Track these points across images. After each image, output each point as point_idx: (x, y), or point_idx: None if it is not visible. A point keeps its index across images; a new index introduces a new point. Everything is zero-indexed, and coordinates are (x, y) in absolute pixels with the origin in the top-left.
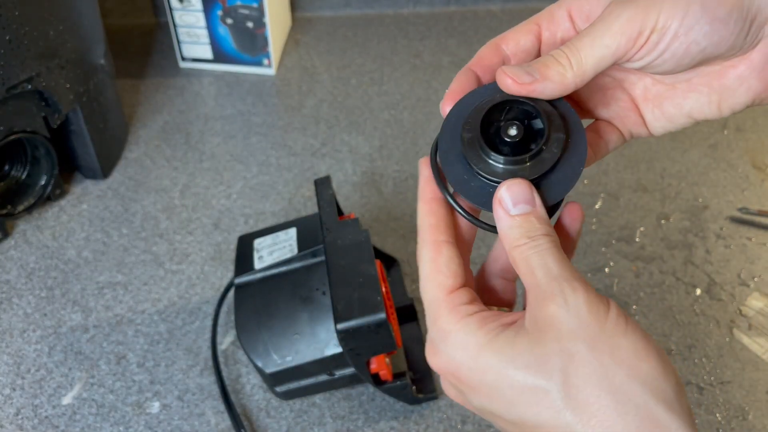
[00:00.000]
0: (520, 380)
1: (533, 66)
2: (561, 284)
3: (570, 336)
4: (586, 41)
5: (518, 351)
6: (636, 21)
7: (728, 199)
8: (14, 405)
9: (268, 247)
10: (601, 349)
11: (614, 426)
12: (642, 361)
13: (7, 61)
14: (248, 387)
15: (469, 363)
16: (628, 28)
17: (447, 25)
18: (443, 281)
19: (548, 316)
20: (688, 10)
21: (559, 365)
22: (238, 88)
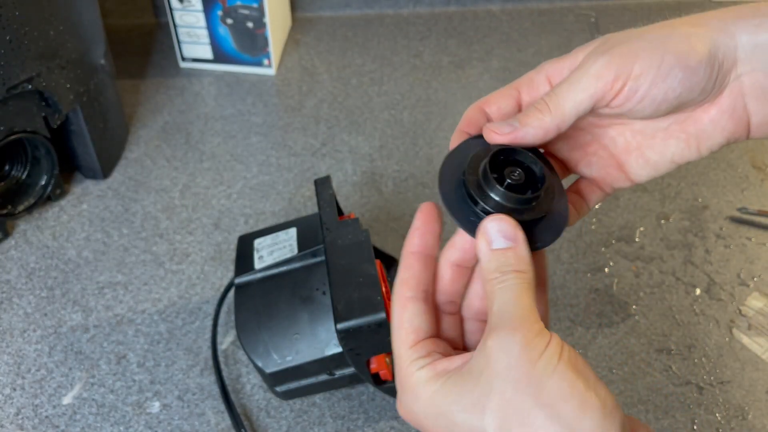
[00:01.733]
0: (466, 421)
1: (515, 117)
2: (507, 321)
3: (501, 375)
4: (563, 86)
5: (462, 393)
6: (612, 67)
7: (728, 199)
8: (15, 405)
9: (268, 247)
10: (525, 392)
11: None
12: (564, 401)
13: (7, 61)
14: (248, 387)
15: (425, 411)
16: (604, 73)
17: (447, 26)
18: (404, 337)
19: (487, 351)
20: (663, 60)
21: (495, 406)
22: (239, 88)
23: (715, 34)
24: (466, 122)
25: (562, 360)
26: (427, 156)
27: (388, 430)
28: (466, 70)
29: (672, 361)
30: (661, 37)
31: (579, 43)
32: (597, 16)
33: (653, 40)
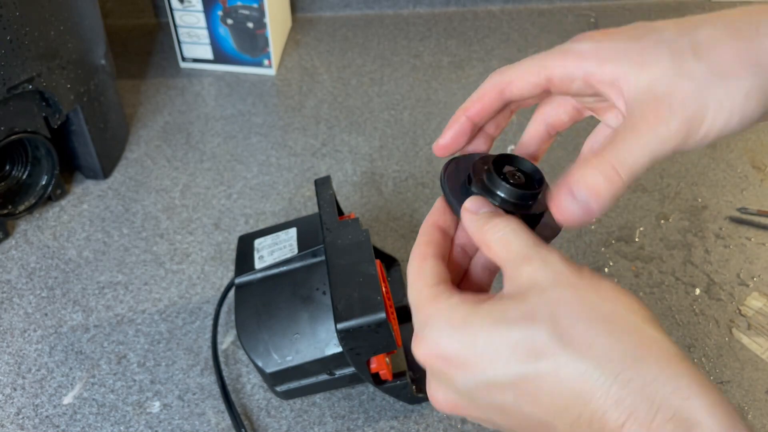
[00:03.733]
0: (512, 336)
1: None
2: (536, 249)
3: (552, 287)
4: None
5: (505, 311)
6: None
7: (727, 199)
8: (15, 404)
9: (268, 247)
10: (584, 290)
11: (611, 350)
12: (623, 294)
13: (7, 62)
14: (248, 386)
15: (458, 336)
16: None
17: (447, 26)
18: (426, 280)
19: (528, 277)
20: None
21: (547, 313)
22: (239, 88)
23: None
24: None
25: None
26: (427, 156)
27: (388, 430)
28: (466, 70)
29: None
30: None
31: None
32: (597, 17)
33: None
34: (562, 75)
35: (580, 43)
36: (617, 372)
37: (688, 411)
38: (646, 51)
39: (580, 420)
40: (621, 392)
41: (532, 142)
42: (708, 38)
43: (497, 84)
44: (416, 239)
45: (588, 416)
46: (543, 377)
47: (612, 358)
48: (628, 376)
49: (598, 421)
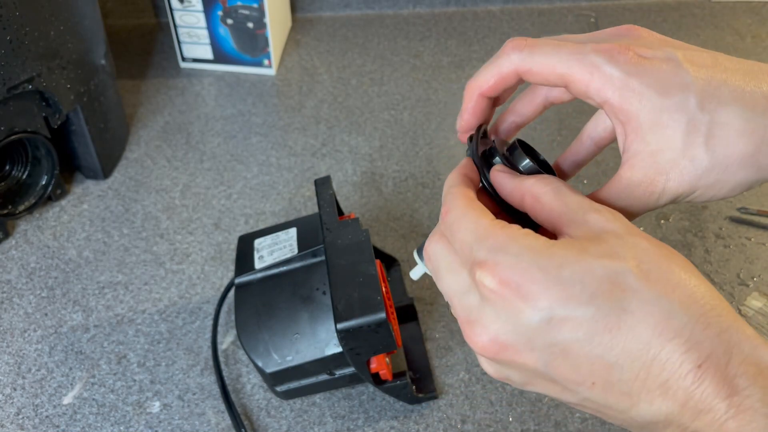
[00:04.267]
0: (598, 270)
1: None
2: (597, 203)
3: (628, 234)
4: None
5: (587, 247)
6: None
7: (727, 199)
8: (15, 404)
9: (268, 247)
10: (657, 243)
11: (693, 295)
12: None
13: (7, 61)
14: (248, 386)
15: (541, 261)
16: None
17: (447, 26)
18: (485, 213)
19: (598, 224)
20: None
21: (631, 254)
22: (239, 88)
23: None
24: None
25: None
26: (427, 156)
27: (388, 430)
28: (466, 70)
29: None
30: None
31: None
32: (597, 17)
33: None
34: (580, 89)
35: (611, 65)
36: (698, 315)
37: (758, 356)
38: (666, 114)
39: (655, 361)
40: (701, 334)
41: (526, 108)
42: (725, 125)
43: (518, 67)
44: (449, 189)
45: (665, 357)
46: (625, 313)
47: (694, 302)
48: (707, 320)
49: (675, 361)
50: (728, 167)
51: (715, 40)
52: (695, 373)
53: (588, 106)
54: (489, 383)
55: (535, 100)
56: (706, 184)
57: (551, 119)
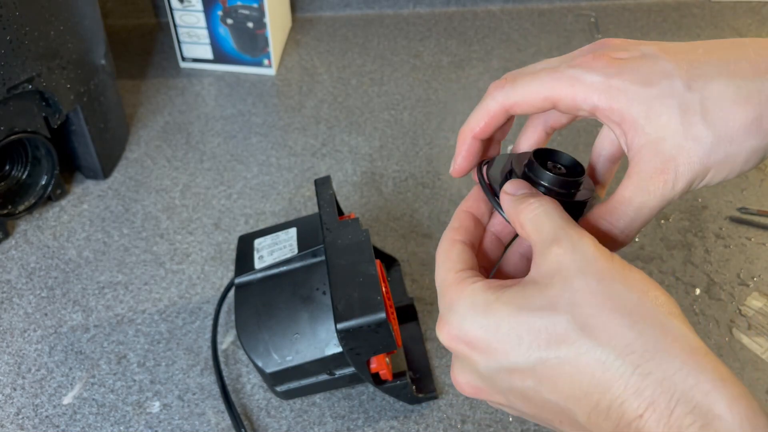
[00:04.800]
0: (534, 323)
1: None
2: (567, 231)
3: (577, 275)
4: (629, 210)
5: (528, 297)
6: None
7: (727, 199)
8: (15, 404)
9: (268, 246)
10: (611, 279)
11: (633, 342)
12: (650, 286)
13: (7, 61)
14: (248, 387)
15: (480, 321)
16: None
17: (447, 26)
18: (452, 266)
19: (555, 260)
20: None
21: (569, 302)
22: (239, 88)
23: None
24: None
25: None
26: (427, 156)
27: (388, 430)
28: (466, 70)
29: None
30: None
31: (579, 43)
32: (597, 16)
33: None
34: (569, 104)
35: (589, 73)
36: (638, 363)
37: (708, 404)
38: (656, 102)
39: (599, 407)
40: (641, 383)
41: (529, 142)
42: (718, 98)
43: (503, 103)
44: (449, 224)
45: (606, 404)
46: (563, 364)
47: (634, 350)
48: (649, 367)
49: (617, 410)
50: (734, 138)
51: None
52: (638, 422)
53: None
54: None
55: (536, 130)
56: (717, 161)
57: None
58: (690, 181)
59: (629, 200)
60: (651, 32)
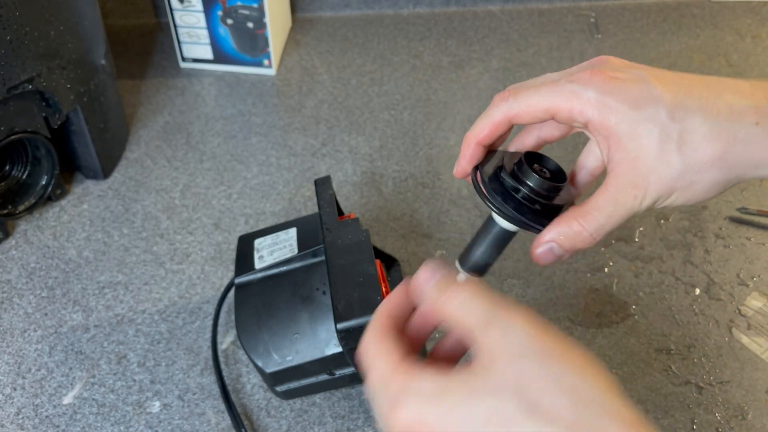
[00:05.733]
0: (484, 408)
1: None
2: (497, 314)
3: (516, 358)
4: (600, 215)
5: (476, 383)
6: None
7: (727, 200)
8: (15, 404)
9: (268, 246)
10: (549, 360)
11: (577, 420)
12: (587, 363)
13: (7, 62)
14: (248, 386)
15: (435, 407)
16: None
17: (447, 26)
18: (391, 356)
19: (494, 344)
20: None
21: (513, 386)
22: (239, 88)
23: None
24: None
25: (567, 336)
26: (427, 156)
27: None
28: (466, 70)
29: (671, 361)
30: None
31: (578, 43)
32: (597, 17)
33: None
34: (566, 116)
35: (586, 89)
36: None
37: None
38: (641, 124)
39: None
40: None
41: (523, 145)
42: (693, 132)
43: (506, 114)
44: (372, 320)
45: None
46: None
47: (578, 428)
48: None
49: None
50: (700, 169)
51: (714, 40)
52: None
53: None
54: None
55: (530, 138)
56: (682, 186)
57: None
58: (655, 199)
59: (602, 207)
60: (651, 32)
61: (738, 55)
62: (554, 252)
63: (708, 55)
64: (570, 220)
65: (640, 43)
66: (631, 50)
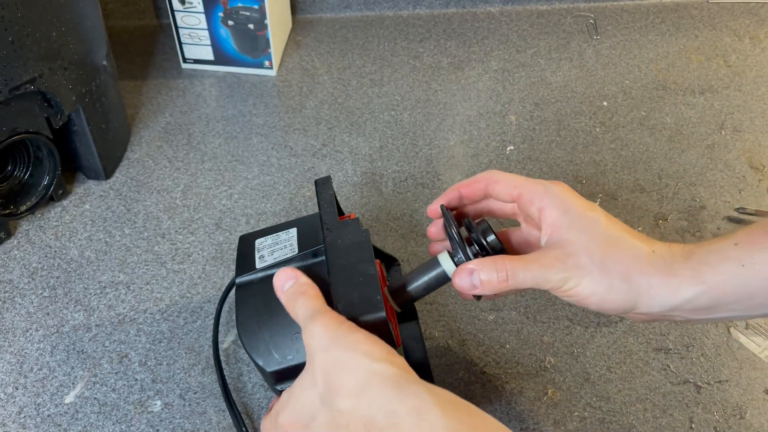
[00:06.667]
0: (311, 394)
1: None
2: (307, 321)
3: (315, 352)
4: (525, 271)
5: (302, 376)
6: (568, 281)
7: (725, 200)
8: (17, 404)
9: (269, 246)
10: (337, 348)
11: (360, 387)
12: (365, 343)
13: (9, 62)
14: (249, 386)
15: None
16: (559, 282)
17: (446, 27)
18: None
19: (307, 344)
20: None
21: (318, 369)
22: (240, 89)
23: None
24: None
25: (350, 324)
26: (426, 157)
27: None
28: (466, 71)
29: (670, 360)
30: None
31: (577, 44)
32: (595, 18)
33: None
34: (527, 200)
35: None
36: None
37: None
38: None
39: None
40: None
41: (469, 193)
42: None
43: (488, 177)
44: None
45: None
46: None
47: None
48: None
49: None
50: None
51: (713, 41)
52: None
53: (587, 107)
54: (488, 382)
55: (479, 195)
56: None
57: (550, 120)
58: (563, 279)
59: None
60: (649, 33)
61: (736, 55)
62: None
63: (706, 56)
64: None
65: (638, 44)
66: (630, 51)
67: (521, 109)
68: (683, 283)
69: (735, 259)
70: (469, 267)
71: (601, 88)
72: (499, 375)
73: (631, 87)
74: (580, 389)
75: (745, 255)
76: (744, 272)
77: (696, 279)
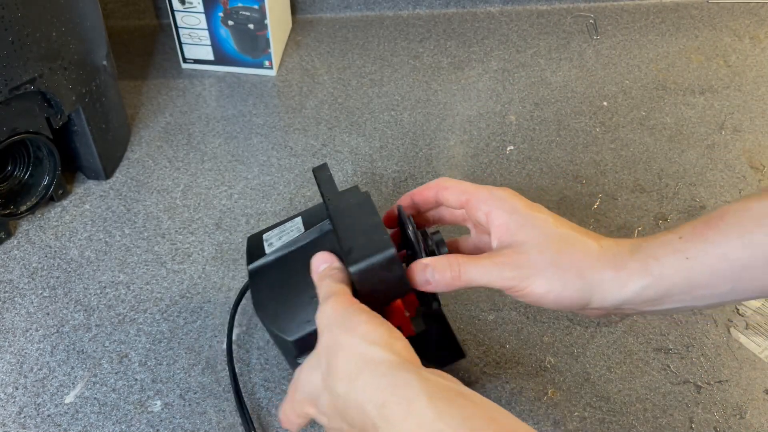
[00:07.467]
0: (310, 374)
1: (434, 269)
2: (323, 300)
3: (324, 328)
4: (478, 268)
5: (310, 357)
6: (518, 280)
7: (725, 200)
8: (17, 404)
9: (276, 235)
10: (340, 332)
11: (353, 373)
12: (366, 324)
13: (9, 62)
14: (250, 385)
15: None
16: (511, 281)
17: (446, 27)
18: None
19: (318, 323)
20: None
21: (321, 349)
22: (240, 89)
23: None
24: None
25: (358, 306)
26: (426, 156)
27: None
28: (466, 71)
29: (670, 360)
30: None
31: (577, 44)
32: (595, 18)
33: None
34: (474, 206)
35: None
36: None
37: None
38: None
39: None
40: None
41: (421, 200)
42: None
43: (439, 184)
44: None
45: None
46: (330, 396)
47: (348, 375)
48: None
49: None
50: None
51: (713, 41)
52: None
53: (587, 107)
54: (488, 382)
55: (430, 200)
56: (543, 274)
57: (550, 120)
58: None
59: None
60: (649, 33)
61: (736, 55)
62: (428, 276)
63: (706, 56)
64: (453, 263)
65: (638, 44)
66: (630, 51)
67: (521, 109)
68: (632, 276)
69: (680, 252)
70: (424, 262)
71: (601, 88)
72: (499, 375)
73: (631, 87)
74: (580, 389)
75: (689, 247)
76: (689, 264)
77: (643, 272)
